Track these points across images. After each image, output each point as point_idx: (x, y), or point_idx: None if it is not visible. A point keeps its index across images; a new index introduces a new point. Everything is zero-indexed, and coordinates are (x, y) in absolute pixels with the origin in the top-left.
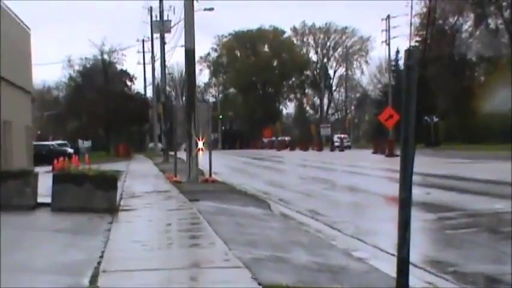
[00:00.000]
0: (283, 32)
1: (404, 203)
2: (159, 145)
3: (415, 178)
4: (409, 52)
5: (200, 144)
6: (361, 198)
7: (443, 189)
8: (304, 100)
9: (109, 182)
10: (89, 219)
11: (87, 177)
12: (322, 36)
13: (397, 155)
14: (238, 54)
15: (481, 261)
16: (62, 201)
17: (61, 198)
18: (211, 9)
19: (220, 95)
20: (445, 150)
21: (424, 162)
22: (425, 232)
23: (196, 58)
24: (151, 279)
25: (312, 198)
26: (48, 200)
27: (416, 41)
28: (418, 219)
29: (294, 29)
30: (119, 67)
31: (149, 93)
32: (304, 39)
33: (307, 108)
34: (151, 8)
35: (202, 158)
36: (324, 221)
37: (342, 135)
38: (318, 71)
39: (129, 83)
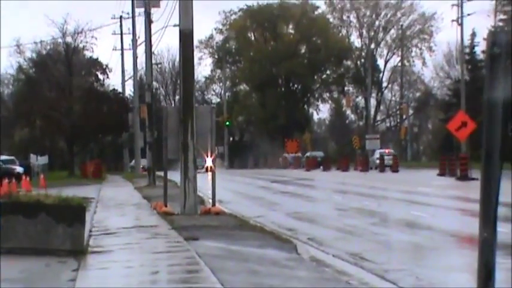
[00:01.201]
0: (316, 7)
1: (486, 245)
2: (143, 162)
3: (500, 210)
4: (493, 35)
5: (209, 161)
6: (423, 238)
7: None
8: (344, 101)
9: (74, 213)
10: (46, 265)
11: (43, 207)
12: (368, 12)
13: (473, 178)
14: (253, 38)
15: None
16: (7, 241)
17: (7, 236)
18: None
19: (227, 94)
20: None
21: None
22: None
23: (195, 42)
24: None
25: (354, 238)
26: None
27: (501, 20)
28: (502, 267)
29: (330, 3)
30: (87, 54)
31: (129, 90)
32: (344, 17)
33: (348, 112)
34: None
35: (204, 181)
36: (372, 269)
37: (386, 151)
38: (362, 61)
39: (101, 77)
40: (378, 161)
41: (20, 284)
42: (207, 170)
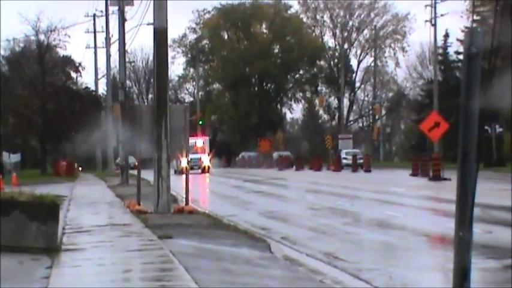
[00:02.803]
0: (289, 7)
1: (463, 244)
2: (116, 161)
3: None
4: (471, 35)
5: (206, 159)
6: (396, 238)
7: (510, 227)
8: (317, 101)
9: (47, 210)
10: (20, 263)
11: (16, 204)
12: (342, 12)
13: (445, 179)
14: (226, 37)
15: None
16: None
17: None
18: None
19: (200, 93)
20: (510, 173)
21: (484, 189)
22: (487, 285)
23: (168, 41)
24: None
25: (328, 237)
26: None
27: (473, 21)
28: (476, 267)
29: (304, 3)
30: (60, 52)
31: (102, 88)
32: (318, 17)
33: (321, 112)
34: None
35: (177, 180)
36: (346, 268)
37: (354, 150)
38: (335, 61)
39: (74, 74)
40: (344, 161)
41: None
42: (203, 171)
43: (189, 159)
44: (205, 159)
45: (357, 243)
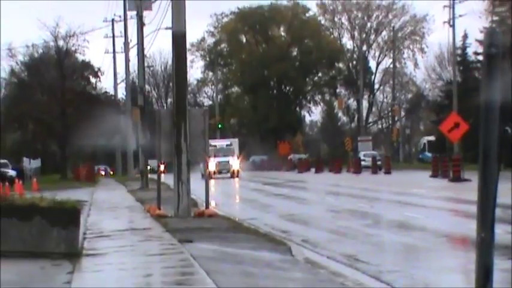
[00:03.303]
0: (307, 9)
1: (484, 245)
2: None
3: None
4: (490, 36)
5: (235, 163)
6: (417, 239)
7: None
8: (336, 103)
9: (68, 216)
10: (41, 268)
11: (37, 210)
12: (360, 14)
13: (465, 179)
14: (244, 40)
15: None
16: (3, 244)
17: (2, 240)
18: None
19: (219, 97)
20: None
21: (505, 190)
22: (509, 285)
23: (187, 45)
24: None
25: (348, 239)
26: None
27: (492, 21)
28: (497, 267)
29: (322, 5)
30: (79, 57)
31: (121, 93)
32: (336, 19)
33: (340, 114)
34: None
35: (197, 183)
36: (367, 270)
37: (372, 152)
38: (354, 63)
39: (93, 80)
40: (363, 163)
41: (16, 286)
42: (232, 175)
43: (217, 162)
44: (235, 163)
45: (378, 245)
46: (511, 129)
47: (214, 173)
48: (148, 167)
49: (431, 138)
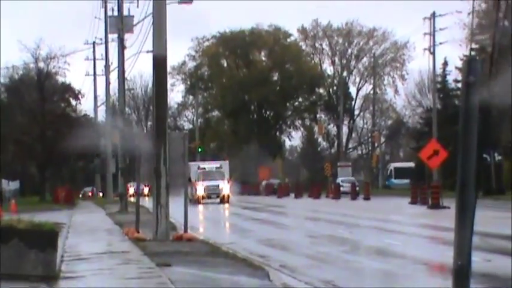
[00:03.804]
0: (288, 34)
1: (461, 274)
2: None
3: (474, 239)
4: (469, 63)
5: (225, 187)
6: (395, 266)
7: (509, 256)
8: (316, 128)
9: (46, 238)
10: None
11: (15, 232)
12: (341, 40)
13: (444, 206)
14: (225, 64)
15: None
16: None
17: None
18: (189, 0)
19: (199, 120)
20: (510, 201)
21: (483, 217)
22: None
23: (168, 69)
24: None
25: (327, 265)
26: None
27: (472, 49)
28: None
29: (303, 30)
30: (59, 79)
31: (101, 115)
32: (317, 45)
33: (320, 139)
34: None
35: (175, 207)
36: None
37: (350, 178)
38: (334, 88)
39: (73, 102)
40: (342, 188)
41: None
42: (222, 200)
43: (206, 186)
44: (225, 187)
45: (356, 271)
46: (489, 157)
47: (203, 197)
48: (132, 190)
49: (399, 165)
